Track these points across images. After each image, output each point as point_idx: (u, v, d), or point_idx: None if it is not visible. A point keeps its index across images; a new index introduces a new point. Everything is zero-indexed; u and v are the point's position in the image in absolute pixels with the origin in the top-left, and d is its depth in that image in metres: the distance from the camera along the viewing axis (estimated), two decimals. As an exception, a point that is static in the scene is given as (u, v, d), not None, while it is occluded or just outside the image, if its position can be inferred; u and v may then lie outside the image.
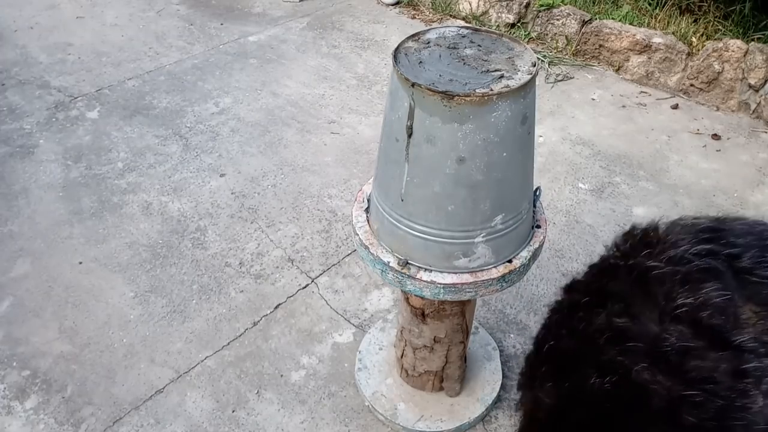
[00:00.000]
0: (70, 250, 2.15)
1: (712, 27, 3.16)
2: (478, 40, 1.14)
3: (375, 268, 1.24)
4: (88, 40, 3.59)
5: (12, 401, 1.67)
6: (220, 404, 1.67)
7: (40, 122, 2.84)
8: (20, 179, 2.49)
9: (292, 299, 1.98)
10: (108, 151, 2.66)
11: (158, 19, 3.87)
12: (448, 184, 1.06)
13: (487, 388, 1.66)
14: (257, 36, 3.68)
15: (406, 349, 1.56)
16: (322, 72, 3.31)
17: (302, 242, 2.20)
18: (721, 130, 2.87)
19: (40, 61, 3.34)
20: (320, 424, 1.62)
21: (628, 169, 2.61)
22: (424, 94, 0.98)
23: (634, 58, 3.22)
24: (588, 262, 0.50)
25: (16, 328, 1.88)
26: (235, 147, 2.70)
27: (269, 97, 3.07)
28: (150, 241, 2.19)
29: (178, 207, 2.36)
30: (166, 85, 3.16)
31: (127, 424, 1.62)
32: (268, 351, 1.81)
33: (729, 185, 2.53)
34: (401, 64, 1.05)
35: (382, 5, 4.09)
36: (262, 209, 2.35)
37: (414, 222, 1.13)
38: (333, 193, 2.44)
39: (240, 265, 2.10)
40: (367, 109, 2.99)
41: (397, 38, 3.57)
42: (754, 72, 2.86)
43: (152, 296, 1.98)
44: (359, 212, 1.31)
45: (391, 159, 1.12)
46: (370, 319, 1.91)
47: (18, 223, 2.27)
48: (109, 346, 1.83)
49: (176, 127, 2.83)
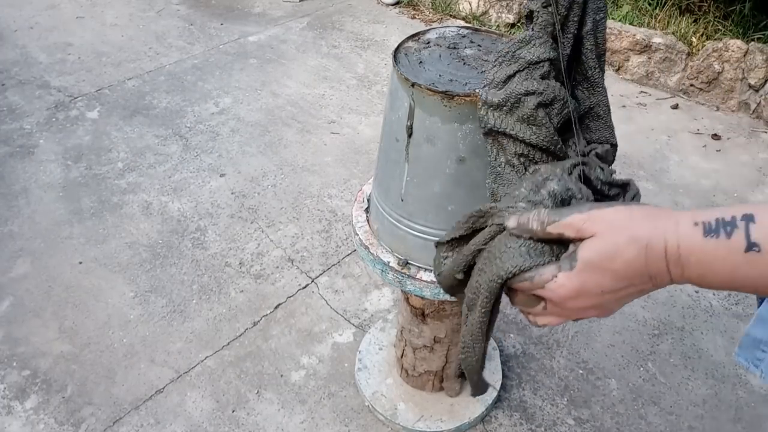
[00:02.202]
0: (70, 250, 2.15)
1: (712, 27, 3.16)
2: (478, 40, 1.14)
3: (375, 268, 1.24)
4: (88, 40, 3.59)
5: (12, 401, 1.67)
6: (220, 404, 1.67)
7: (40, 122, 2.84)
8: (20, 179, 2.49)
9: (292, 299, 1.98)
10: (108, 151, 2.66)
11: (158, 19, 3.87)
12: (448, 184, 1.06)
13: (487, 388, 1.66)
14: (257, 36, 3.68)
15: (406, 349, 1.56)
16: (322, 72, 3.31)
17: (302, 242, 2.20)
18: (721, 130, 2.87)
19: (40, 61, 3.34)
20: (320, 424, 1.62)
21: (628, 169, 2.61)
22: (424, 94, 0.98)
23: (634, 58, 3.22)
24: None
25: (16, 328, 1.88)
26: (235, 147, 2.70)
27: (269, 97, 3.07)
28: (150, 241, 2.19)
29: (178, 207, 2.36)
30: (166, 85, 3.16)
31: (127, 424, 1.62)
32: (268, 351, 1.81)
33: (729, 185, 2.53)
34: (401, 64, 1.05)
35: (382, 5, 4.09)
36: (262, 209, 2.35)
37: (414, 222, 1.14)
38: (333, 193, 2.44)
39: (240, 265, 2.10)
40: (367, 109, 2.99)
41: (397, 38, 3.57)
42: (754, 72, 2.86)
43: (152, 296, 1.98)
44: (359, 212, 1.31)
45: (391, 159, 1.12)
46: (370, 319, 1.91)
47: (18, 223, 2.27)
48: (109, 346, 1.83)
49: (176, 127, 2.83)
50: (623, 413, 1.65)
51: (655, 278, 0.50)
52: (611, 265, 0.51)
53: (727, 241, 0.44)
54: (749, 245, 0.43)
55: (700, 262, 0.46)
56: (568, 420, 1.64)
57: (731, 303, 1.98)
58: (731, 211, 0.45)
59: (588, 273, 0.52)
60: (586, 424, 1.63)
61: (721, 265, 0.45)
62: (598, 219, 0.52)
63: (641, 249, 0.49)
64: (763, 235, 0.43)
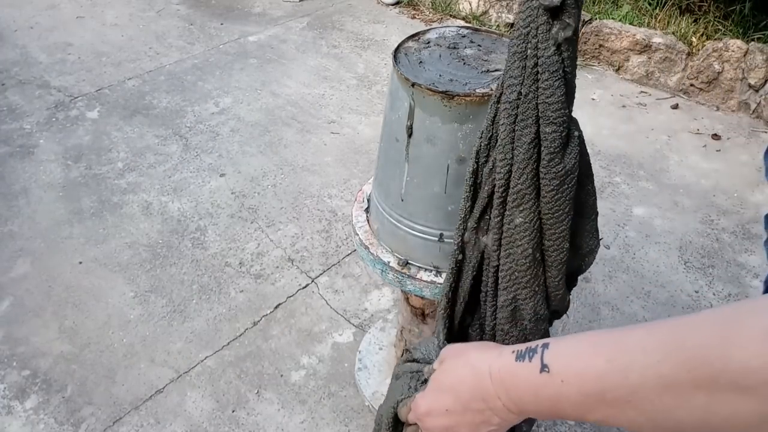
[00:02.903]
0: (70, 250, 2.16)
1: (712, 27, 3.16)
2: (478, 40, 1.14)
3: (375, 268, 1.24)
4: (88, 40, 3.59)
5: (12, 401, 1.67)
6: (220, 404, 1.67)
7: (40, 122, 2.84)
8: (20, 179, 2.49)
9: (292, 299, 1.98)
10: (108, 151, 2.66)
11: (158, 19, 3.87)
12: (448, 184, 1.06)
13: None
14: (257, 36, 3.68)
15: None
16: (322, 72, 3.31)
17: (302, 242, 2.20)
18: (721, 130, 2.87)
19: (40, 61, 3.34)
20: (320, 424, 1.62)
21: (628, 169, 2.61)
22: (424, 94, 0.98)
23: (634, 58, 3.22)
24: (588, 263, 0.52)
25: (16, 328, 1.88)
26: (235, 147, 2.70)
27: (269, 97, 3.07)
28: (150, 241, 2.19)
29: (178, 207, 2.36)
30: (166, 85, 3.16)
31: (127, 424, 1.62)
32: (268, 351, 1.81)
33: (729, 185, 2.53)
34: (401, 63, 1.05)
35: (382, 5, 4.09)
36: (262, 209, 2.35)
37: (414, 222, 1.14)
38: (333, 193, 2.44)
39: (240, 265, 2.11)
40: (367, 109, 2.99)
41: (397, 38, 3.57)
42: (754, 72, 2.86)
43: (152, 296, 1.98)
44: (359, 212, 1.31)
45: (391, 159, 1.12)
46: (370, 319, 1.91)
47: (18, 223, 2.27)
48: (109, 346, 1.83)
49: (176, 127, 2.83)
50: (623, 413, 1.65)
51: (488, 401, 0.56)
52: (448, 382, 0.61)
53: (529, 364, 0.51)
54: (542, 366, 0.50)
55: (513, 384, 0.53)
56: (567, 420, 1.64)
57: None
58: (538, 342, 0.53)
59: (435, 392, 0.63)
60: (586, 424, 1.63)
61: (526, 387, 0.52)
62: (448, 348, 0.65)
63: (471, 369, 0.58)
64: (551, 358, 0.50)
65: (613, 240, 2.24)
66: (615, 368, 0.46)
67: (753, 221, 2.34)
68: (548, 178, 0.69)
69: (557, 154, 0.68)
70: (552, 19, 0.64)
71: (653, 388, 0.43)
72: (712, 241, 2.25)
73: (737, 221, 2.35)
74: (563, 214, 0.70)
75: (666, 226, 2.31)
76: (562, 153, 0.69)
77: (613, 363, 0.46)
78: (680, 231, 2.29)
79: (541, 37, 0.65)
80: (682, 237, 2.26)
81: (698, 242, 2.24)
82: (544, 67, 0.66)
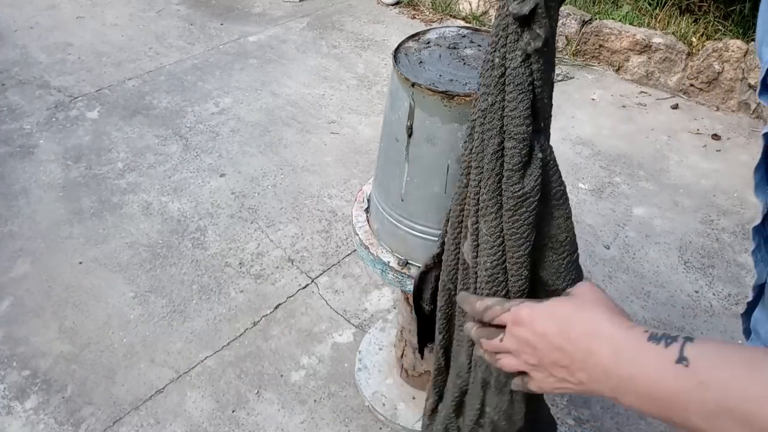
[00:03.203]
0: (70, 250, 2.15)
1: (712, 27, 3.16)
2: (478, 40, 1.14)
3: (375, 268, 1.24)
4: (88, 40, 3.59)
5: (12, 401, 1.67)
6: (220, 404, 1.67)
7: (40, 122, 2.84)
8: (20, 179, 2.49)
9: (292, 299, 1.98)
10: (108, 151, 2.66)
11: (158, 19, 3.87)
12: (448, 184, 1.06)
13: (487, 388, 1.66)
14: (257, 36, 3.68)
15: (406, 349, 1.56)
16: (322, 72, 3.31)
17: (302, 242, 2.20)
18: (721, 130, 2.87)
19: (40, 61, 3.34)
20: (320, 424, 1.62)
21: (628, 169, 2.61)
22: (424, 94, 0.98)
23: (634, 58, 3.22)
24: (588, 263, 0.52)
25: (16, 328, 1.88)
26: (235, 147, 2.70)
27: (269, 97, 3.07)
28: (150, 241, 2.19)
29: (178, 207, 2.36)
30: (166, 85, 3.16)
31: (127, 424, 1.62)
32: (268, 351, 1.81)
33: (729, 185, 2.53)
34: (401, 64, 1.05)
35: (382, 5, 4.09)
36: (262, 209, 2.35)
37: (414, 222, 1.14)
38: (333, 193, 2.44)
39: (240, 265, 2.10)
40: (367, 109, 2.99)
41: (397, 38, 3.57)
42: (754, 72, 2.86)
43: (152, 296, 1.98)
44: (359, 212, 1.31)
45: (391, 159, 1.12)
46: (370, 319, 1.91)
47: (18, 223, 2.27)
48: (109, 346, 1.83)
49: (176, 127, 2.83)
50: (623, 413, 1.65)
51: (588, 355, 0.53)
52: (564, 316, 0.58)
53: (664, 349, 0.49)
54: (680, 357, 0.47)
55: (634, 359, 0.51)
56: (568, 420, 1.64)
57: (731, 303, 1.98)
58: (679, 334, 0.50)
59: (547, 314, 0.59)
60: (586, 424, 1.63)
61: (647, 371, 0.49)
62: (587, 288, 0.62)
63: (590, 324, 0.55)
64: (695, 353, 0.47)
65: (613, 240, 2.24)
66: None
67: (753, 221, 2.33)
68: (506, 196, 0.66)
69: (516, 173, 0.65)
70: (521, 29, 0.61)
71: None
72: (712, 241, 2.25)
73: (737, 221, 2.35)
74: (521, 239, 0.67)
75: (666, 226, 2.31)
76: (522, 173, 0.65)
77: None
78: (680, 231, 2.29)
79: (509, 47, 0.62)
80: (682, 237, 2.26)
81: (698, 242, 2.24)
82: (510, 78, 0.63)
